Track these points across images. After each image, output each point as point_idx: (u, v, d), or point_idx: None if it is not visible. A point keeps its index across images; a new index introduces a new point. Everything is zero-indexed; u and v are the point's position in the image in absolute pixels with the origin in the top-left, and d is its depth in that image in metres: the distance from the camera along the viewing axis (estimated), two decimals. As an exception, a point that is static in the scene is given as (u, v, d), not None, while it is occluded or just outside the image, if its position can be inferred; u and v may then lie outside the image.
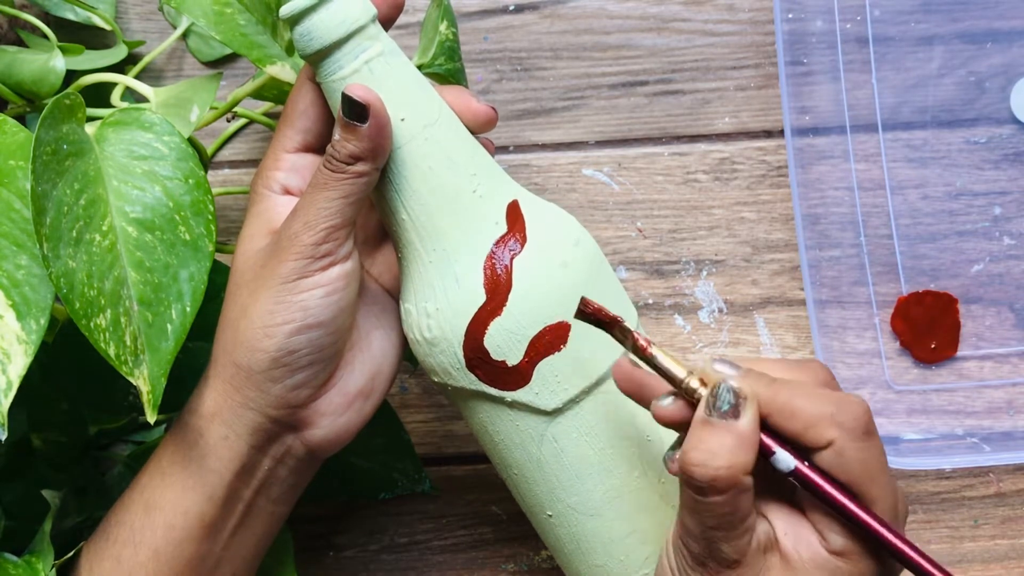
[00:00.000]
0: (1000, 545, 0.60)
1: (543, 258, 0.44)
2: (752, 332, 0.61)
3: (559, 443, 0.46)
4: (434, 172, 0.44)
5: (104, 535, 0.47)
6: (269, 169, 0.46)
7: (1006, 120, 0.60)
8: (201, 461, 0.45)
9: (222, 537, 0.46)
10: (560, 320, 0.44)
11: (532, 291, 0.44)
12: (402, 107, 0.43)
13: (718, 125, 0.61)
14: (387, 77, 0.43)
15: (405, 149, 0.43)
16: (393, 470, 0.59)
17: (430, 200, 0.44)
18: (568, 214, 0.48)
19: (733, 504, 0.39)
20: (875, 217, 0.60)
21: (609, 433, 0.46)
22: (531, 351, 0.44)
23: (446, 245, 0.44)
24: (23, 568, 0.46)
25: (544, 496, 0.47)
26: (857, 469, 0.39)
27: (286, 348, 0.44)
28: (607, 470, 0.46)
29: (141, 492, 0.47)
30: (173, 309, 0.44)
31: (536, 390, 0.45)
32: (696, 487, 0.39)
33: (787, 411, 0.39)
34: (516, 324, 0.44)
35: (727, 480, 0.38)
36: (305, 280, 0.44)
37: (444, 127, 0.44)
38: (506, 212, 0.45)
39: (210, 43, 0.61)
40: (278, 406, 0.45)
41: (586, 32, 0.61)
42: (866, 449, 0.39)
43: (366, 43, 0.43)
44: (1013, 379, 0.60)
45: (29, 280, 0.42)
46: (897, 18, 0.60)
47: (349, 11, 0.42)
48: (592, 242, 0.47)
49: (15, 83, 0.50)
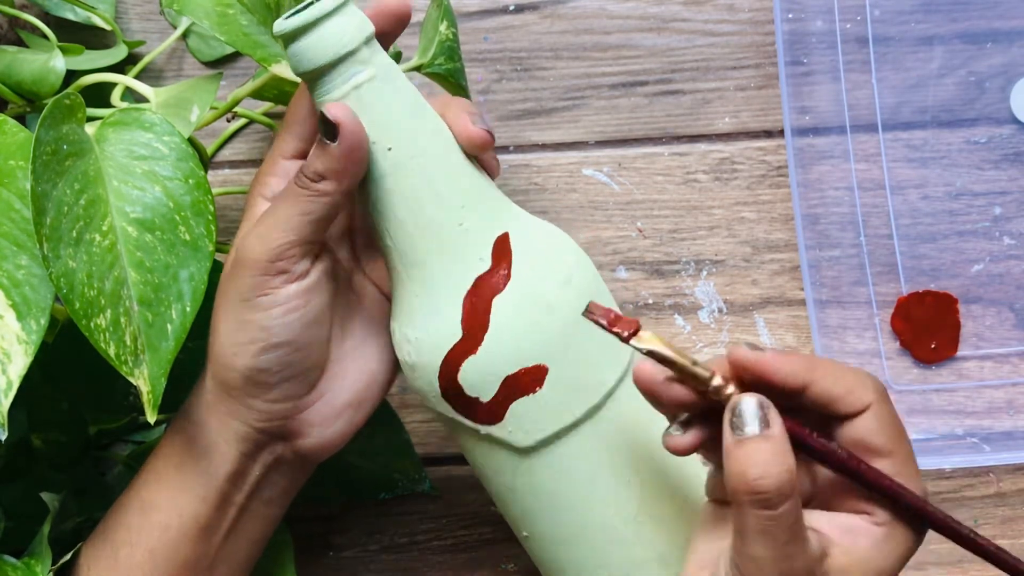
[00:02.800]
0: (1000, 545, 0.60)
1: (526, 299, 0.43)
2: (752, 332, 0.61)
3: (533, 477, 0.45)
4: (419, 204, 0.43)
5: (102, 535, 0.47)
6: (265, 174, 0.46)
7: (1006, 120, 0.60)
8: (194, 465, 0.46)
9: (217, 538, 0.46)
10: (538, 363, 0.43)
11: (509, 333, 0.43)
12: (389, 136, 0.42)
13: (718, 125, 0.61)
14: (375, 104, 0.42)
15: (390, 178, 0.43)
16: (393, 470, 0.59)
17: (414, 231, 0.43)
18: (569, 243, 0.46)
19: (798, 511, 0.38)
20: (875, 217, 0.60)
21: (583, 473, 0.45)
22: (504, 391, 0.43)
23: (427, 276, 0.43)
24: (22, 570, 0.46)
25: (519, 519, 0.47)
26: (891, 429, 0.41)
27: (255, 367, 0.44)
28: (580, 506, 0.45)
29: (138, 493, 0.47)
30: (173, 309, 0.44)
31: (509, 428, 0.44)
32: (766, 502, 0.38)
33: (830, 378, 0.40)
34: (490, 364, 0.43)
35: (791, 483, 0.38)
36: (262, 299, 0.43)
37: (434, 156, 0.43)
38: (492, 247, 0.43)
39: (210, 43, 0.61)
40: (261, 419, 0.45)
41: (586, 32, 0.61)
42: (893, 412, 0.41)
43: (356, 68, 0.41)
44: (1013, 379, 0.60)
45: (29, 280, 0.42)
46: (897, 18, 0.60)
47: (339, 35, 0.41)
48: (588, 275, 0.46)
49: (15, 83, 0.50)
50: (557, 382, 0.43)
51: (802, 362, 0.40)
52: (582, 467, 0.45)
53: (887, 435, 0.40)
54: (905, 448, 0.41)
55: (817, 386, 0.40)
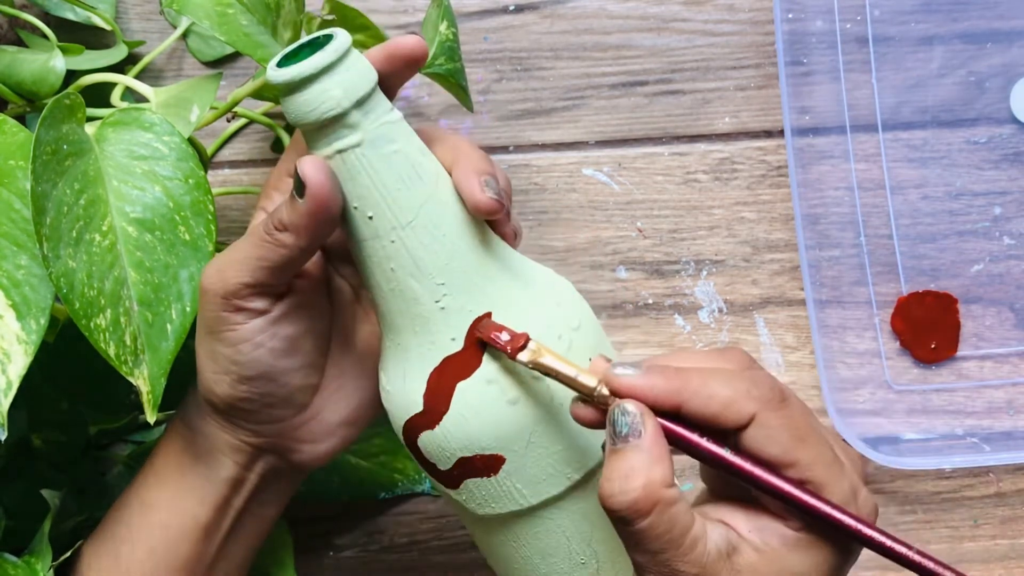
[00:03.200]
0: (1000, 545, 0.60)
1: (490, 390, 0.41)
2: (752, 332, 0.61)
3: (489, 539, 0.45)
4: (396, 275, 0.40)
5: (103, 533, 0.47)
6: (271, 188, 0.45)
7: (1006, 120, 0.60)
8: (194, 468, 0.46)
9: (216, 539, 0.47)
10: (495, 452, 0.41)
11: (468, 420, 0.41)
12: (371, 205, 0.39)
13: (718, 125, 0.61)
14: (359, 170, 0.39)
15: (369, 245, 0.40)
16: (393, 470, 0.59)
17: (389, 298, 0.41)
18: (567, 321, 0.43)
19: (668, 521, 0.37)
20: (875, 217, 0.60)
21: (537, 548, 0.44)
22: (459, 468, 0.42)
23: (400, 341, 0.42)
24: (22, 569, 0.46)
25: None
26: (784, 436, 0.38)
27: (236, 395, 0.43)
28: (532, 573, 0.45)
29: (138, 492, 0.47)
30: (173, 309, 0.44)
31: (464, 497, 0.43)
32: (622, 519, 0.37)
33: (703, 395, 0.38)
34: (446, 443, 0.41)
35: (648, 499, 0.37)
36: (228, 334, 0.42)
37: (420, 228, 0.40)
38: (468, 329, 0.41)
39: (210, 43, 0.61)
40: (251, 436, 0.45)
41: (586, 32, 0.61)
42: (787, 416, 0.38)
43: (343, 131, 0.39)
44: (1013, 379, 0.60)
45: (29, 280, 0.42)
46: (897, 18, 0.60)
47: (324, 99, 0.38)
48: (578, 353, 0.42)
49: (15, 83, 0.50)
50: (514, 472, 0.42)
51: (672, 382, 0.38)
52: (536, 544, 0.44)
53: (781, 445, 0.38)
54: (809, 453, 0.38)
55: (690, 405, 0.38)
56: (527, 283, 0.43)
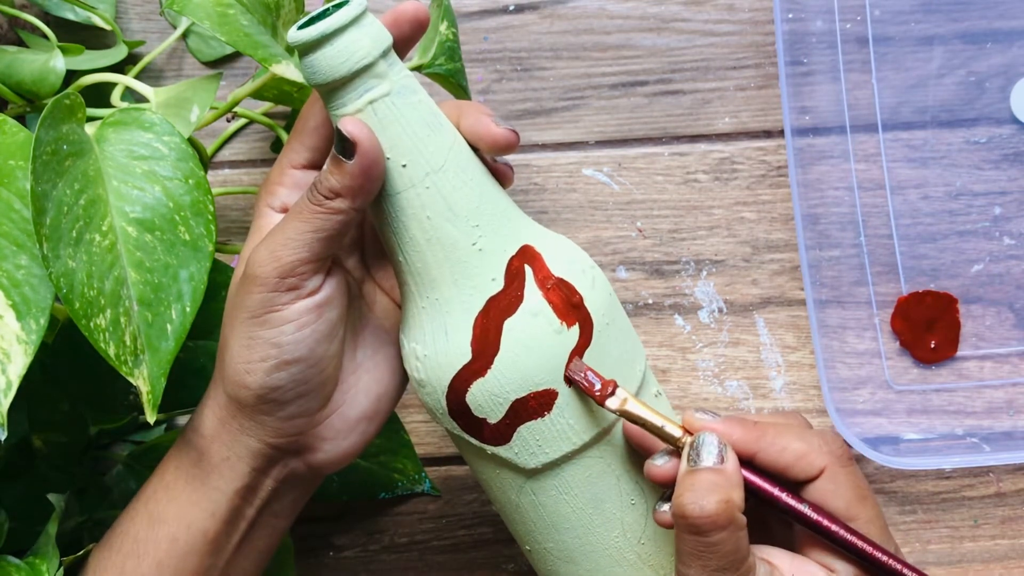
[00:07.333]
0: (1000, 545, 0.60)
1: (537, 322, 0.42)
2: (752, 332, 0.61)
3: (537, 497, 0.45)
4: (432, 222, 0.42)
5: (109, 545, 0.47)
6: (273, 183, 0.45)
7: (1006, 120, 0.60)
8: (204, 479, 0.45)
9: (226, 552, 0.46)
10: (548, 387, 0.42)
11: (520, 356, 0.42)
12: (404, 152, 0.41)
13: (718, 125, 0.61)
14: (391, 119, 0.41)
15: (404, 196, 0.41)
16: (393, 470, 0.59)
17: (426, 249, 0.42)
18: (585, 259, 0.45)
19: (736, 541, 0.40)
20: (875, 217, 0.60)
21: (589, 495, 0.45)
22: (512, 414, 0.42)
23: (439, 295, 0.42)
24: (26, 571, 0.46)
25: (522, 534, 0.47)
26: (850, 492, 0.42)
27: (268, 385, 0.43)
28: (584, 527, 0.45)
29: (146, 504, 0.46)
30: (173, 309, 0.44)
31: (516, 450, 0.43)
32: (696, 528, 0.40)
33: (778, 446, 0.42)
34: (499, 387, 0.42)
35: (726, 515, 0.40)
36: (273, 315, 0.42)
37: (450, 172, 0.42)
38: (506, 268, 0.42)
39: (210, 43, 0.61)
40: (274, 435, 0.44)
41: (586, 32, 0.61)
42: (854, 473, 0.42)
43: (372, 82, 0.40)
44: (1013, 379, 0.60)
45: (29, 280, 0.42)
46: (897, 18, 0.60)
47: (356, 49, 0.39)
48: (602, 295, 0.44)
49: (15, 83, 0.50)
50: (566, 407, 0.43)
51: (750, 432, 0.42)
52: (588, 490, 0.44)
53: (845, 499, 0.42)
54: (867, 512, 0.42)
55: (765, 454, 0.42)
56: (534, 226, 0.45)
